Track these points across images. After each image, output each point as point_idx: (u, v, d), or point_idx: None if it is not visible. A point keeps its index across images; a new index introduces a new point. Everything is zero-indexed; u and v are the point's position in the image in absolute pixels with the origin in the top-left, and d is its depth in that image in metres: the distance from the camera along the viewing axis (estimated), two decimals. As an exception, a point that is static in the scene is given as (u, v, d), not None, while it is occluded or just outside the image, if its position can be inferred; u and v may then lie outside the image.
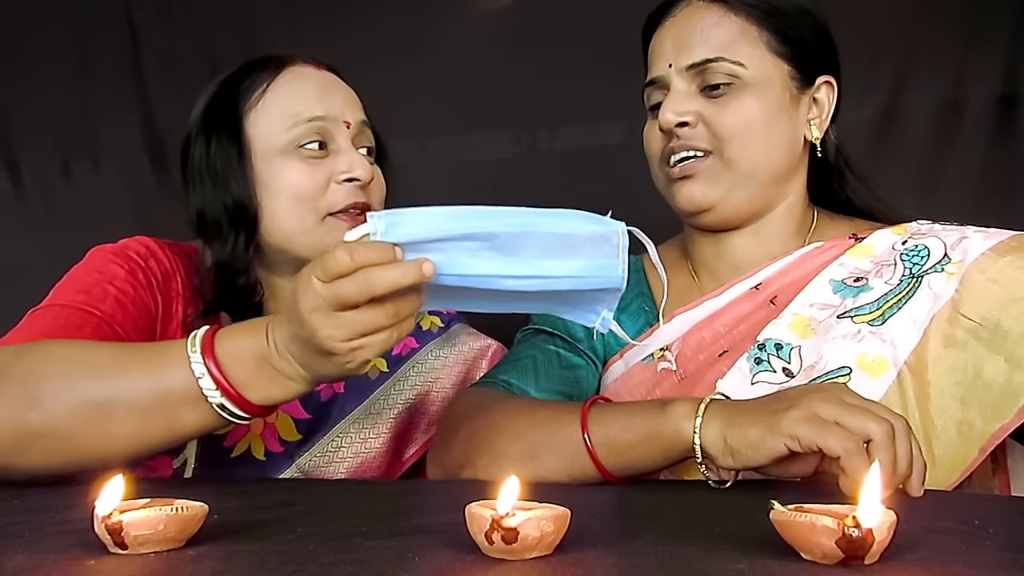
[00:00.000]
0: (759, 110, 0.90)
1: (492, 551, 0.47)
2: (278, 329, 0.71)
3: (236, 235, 0.93)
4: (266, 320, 0.73)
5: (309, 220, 0.93)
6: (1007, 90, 1.72)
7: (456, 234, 0.66)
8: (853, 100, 0.98)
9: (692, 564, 0.46)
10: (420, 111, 1.88)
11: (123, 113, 1.93)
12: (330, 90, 0.97)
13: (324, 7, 1.89)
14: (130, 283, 0.90)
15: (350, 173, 0.93)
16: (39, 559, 0.49)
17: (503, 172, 1.91)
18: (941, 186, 1.72)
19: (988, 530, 0.54)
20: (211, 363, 0.70)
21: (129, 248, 0.95)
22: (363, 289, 0.64)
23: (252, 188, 0.93)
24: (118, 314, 0.87)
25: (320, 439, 0.97)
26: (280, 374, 0.71)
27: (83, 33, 1.93)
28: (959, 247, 0.87)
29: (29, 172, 1.98)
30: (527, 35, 1.87)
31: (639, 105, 1.02)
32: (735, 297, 0.94)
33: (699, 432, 0.70)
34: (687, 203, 0.93)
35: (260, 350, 0.71)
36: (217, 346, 0.72)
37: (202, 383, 0.70)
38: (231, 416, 0.72)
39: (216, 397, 0.71)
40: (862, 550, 0.44)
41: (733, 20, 0.91)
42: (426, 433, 1.03)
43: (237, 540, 0.53)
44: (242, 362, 0.71)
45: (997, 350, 0.79)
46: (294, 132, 0.93)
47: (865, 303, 0.87)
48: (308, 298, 0.66)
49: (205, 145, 0.95)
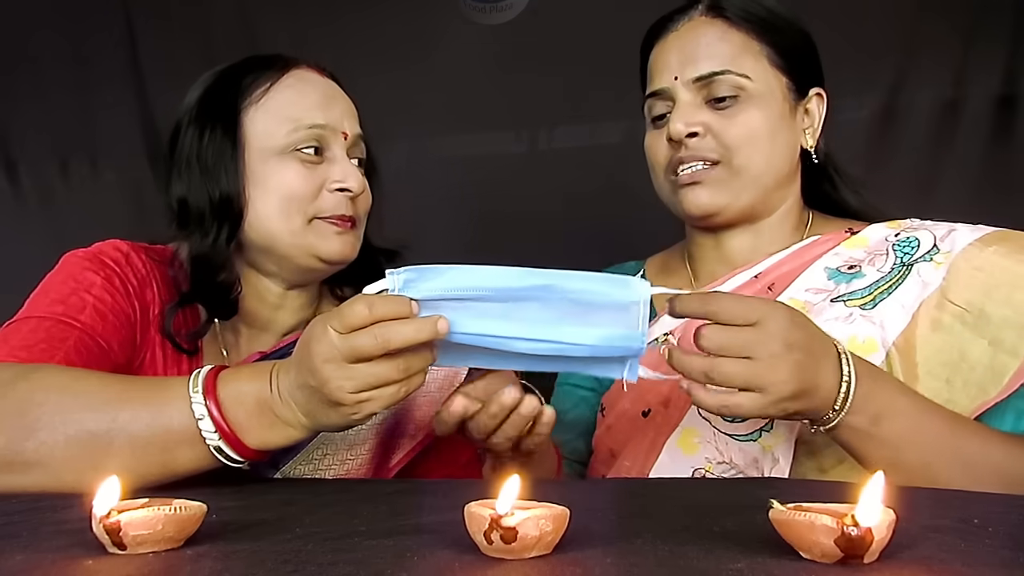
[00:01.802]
0: (763, 120, 0.94)
1: (491, 550, 0.47)
2: (284, 376, 0.72)
3: (219, 229, 0.92)
4: (271, 365, 0.74)
5: (297, 221, 0.93)
6: (1006, 90, 1.72)
7: (473, 294, 0.67)
8: (853, 100, 0.99)
9: (691, 563, 0.46)
10: (420, 111, 1.88)
11: (121, 113, 1.93)
12: (332, 99, 0.97)
13: (324, 7, 1.89)
14: (107, 290, 0.89)
15: (343, 183, 0.94)
16: (38, 559, 0.49)
17: (503, 172, 1.91)
18: (940, 185, 1.72)
19: (987, 529, 0.54)
20: (212, 405, 0.71)
21: (104, 253, 0.93)
22: (379, 343, 0.66)
23: (242, 183, 0.92)
24: (98, 325, 0.85)
25: (305, 446, 0.94)
26: (280, 420, 0.72)
27: (81, 33, 1.93)
28: (948, 239, 0.91)
29: (27, 172, 1.98)
30: (527, 35, 1.87)
31: (639, 106, 1.02)
32: (736, 286, 0.98)
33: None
34: (696, 208, 0.96)
35: (263, 395, 0.72)
36: (220, 388, 0.72)
37: (201, 424, 0.71)
38: (226, 459, 0.73)
39: (215, 440, 0.71)
40: (861, 549, 0.44)
41: (736, 35, 0.95)
42: (413, 438, 1.01)
43: (236, 540, 0.53)
44: (243, 406, 0.72)
45: (981, 333, 0.84)
46: (294, 136, 0.93)
47: (857, 288, 0.91)
48: (323, 348, 0.68)
49: (198, 134, 0.93)
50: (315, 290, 1.04)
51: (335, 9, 1.89)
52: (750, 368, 0.70)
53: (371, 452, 0.98)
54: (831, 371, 0.73)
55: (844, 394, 0.73)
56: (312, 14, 1.89)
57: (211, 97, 0.95)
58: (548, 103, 1.87)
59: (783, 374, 0.70)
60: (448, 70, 1.87)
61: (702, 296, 0.74)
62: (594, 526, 0.55)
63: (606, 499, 0.71)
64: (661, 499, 0.70)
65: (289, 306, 1.00)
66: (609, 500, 0.70)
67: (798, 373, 0.71)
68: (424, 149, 1.92)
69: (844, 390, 0.73)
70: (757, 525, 0.50)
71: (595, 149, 1.87)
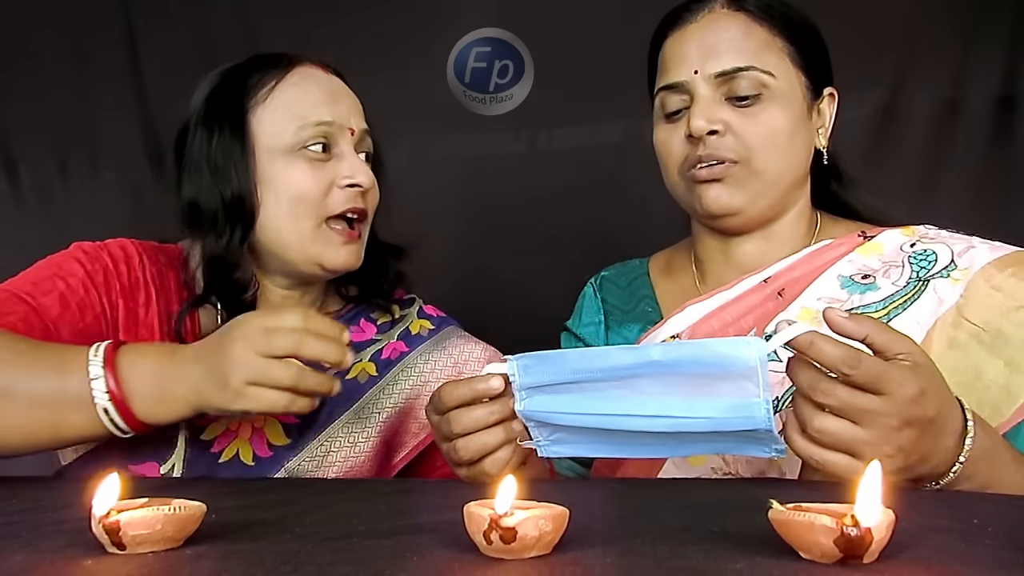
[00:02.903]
0: (785, 121, 0.91)
1: (490, 551, 0.47)
2: (190, 349, 0.79)
3: (232, 229, 0.93)
4: (175, 346, 0.81)
5: (307, 224, 0.93)
6: (1005, 90, 1.72)
7: (586, 376, 0.68)
8: (852, 99, 0.99)
9: (691, 564, 0.46)
10: (420, 111, 1.88)
11: (121, 113, 1.93)
12: (337, 95, 0.97)
13: (325, 7, 1.89)
14: (84, 284, 0.90)
15: (353, 179, 0.94)
16: (37, 559, 0.49)
17: (503, 172, 1.91)
18: (939, 185, 1.73)
19: (987, 529, 0.54)
20: (108, 369, 0.76)
21: (106, 248, 0.95)
22: (292, 345, 0.75)
23: (253, 183, 0.93)
24: (55, 309, 0.86)
25: (309, 443, 0.95)
26: (168, 395, 0.77)
27: (81, 32, 1.93)
28: (966, 255, 0.89)
29: (27, 172, 1.98)
30: (528, 35, 1.88)
31: (638, 105, 1.02)
32: (745, 290, 0.95)
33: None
34: (714, 206, 0.93)
35: (159, 367, 0.77)
36: (119, 355, 0.77)
37: (94, 385, 0.75)
38: (113, 425, 0.76)
39: (103, 400, 0.75)
40: (861, 549, 0.44)
41: (759, 30, 0.91)
42: (416, 437, 1.02)
43: (235, 540, 0.53)
44: (138, 374, 0.77)
45: (998, 354, 0.82)
46: (301, 135, 0.93)
47: (871, 302, 0.88)
48: (243, 331, 0.75)
49: (207, 136, 0.94)
50: (319, 289, 1.05)
51: (336, 9, 1.89)
52: (856, 433, 0.62)
53: (374, 450, 0.99)
54: (949, 448, 0.66)
55: (955, 473, 0.67)
56: (313, 14, 1.89)
57: (217, 98, 0.96)
58: (548, 103, 1.88)
59: (889, 449, 0.63)
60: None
61: (857, 319, 0.66)
62: (594, 526, 0.55)
63: (606, 499, 0.71)
64: (661, 499, 0.70)
65: (291, 307, 1.01)
66: (609, 500, 0.70)
67: (906, 454, 0.64)
68: (424, 149, 1.92)
69: (956, 470, 0.67)
70: (756, 525, 0.50)
71: (595, 149, 1.87)
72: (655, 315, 1.03)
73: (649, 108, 1.00)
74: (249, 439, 0.95)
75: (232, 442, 0.95)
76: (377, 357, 1.04)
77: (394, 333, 1.07)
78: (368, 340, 1.06)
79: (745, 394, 0.62)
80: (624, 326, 1.05)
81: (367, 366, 1.03)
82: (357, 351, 1.03)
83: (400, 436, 1.02)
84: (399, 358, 1.05)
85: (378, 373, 1.03)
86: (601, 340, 1.07)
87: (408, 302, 1.13)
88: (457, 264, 1.84)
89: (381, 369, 1.04)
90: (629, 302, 1.07)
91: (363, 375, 1.02)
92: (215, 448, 0.94)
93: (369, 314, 1.09)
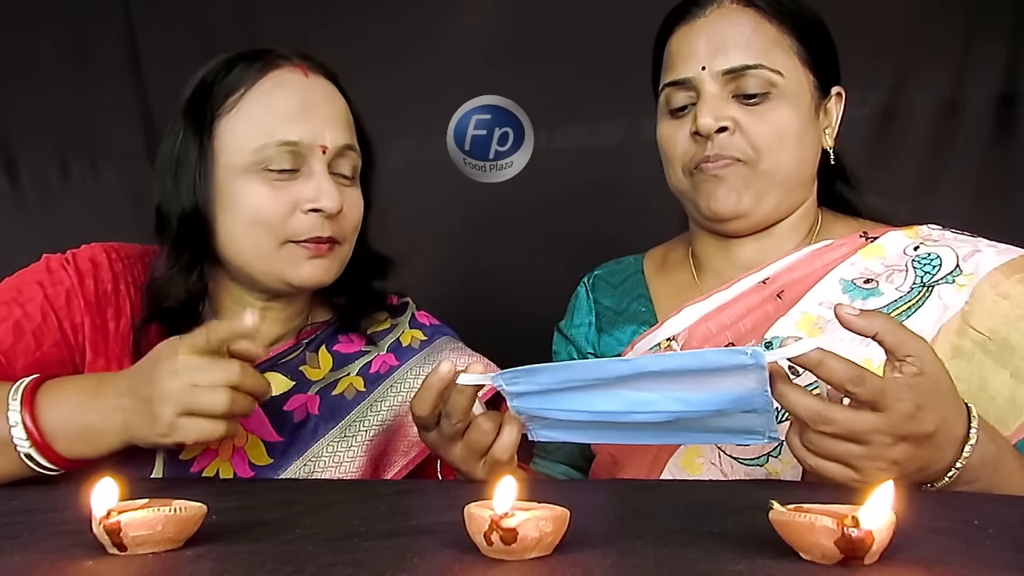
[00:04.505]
0: (794, 120, 0.90)
1: (491, 552, 0.47)
2: (120, 380, 0.75)
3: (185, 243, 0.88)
4: (100, 378, 0.77)
5: (266, 246, 0.87)
6: (1006, 90, 1.72)
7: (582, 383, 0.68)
8: (853, 99, 0.98)
9: (691, 564, 0.46)
10: (420, 111, 1.88)
11: (121, 112, 1.93)
12: (311, 108, 0.89)
13: (325, 6, 1.89)
14: (42, 310, 0.87)
15: (316, 203, 0.87)
16: (37, 560, 0.49)
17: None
18: (940, 185, 1.73)
19: (988, 530, 0.54)
20: (26, 412, 0.74)
21: (73, 262, 0.91)
22: (225, 400, 0.72)
23: (212, 197, 0.87)
24: (8, 340, 0.84)
25: (292, 463, 0.91)
26: (92, 429, 0.74)
27: (81, 32, 1.93)
28: (971, 260, 0.87)
29: (27, 172, 1.97)
30: (528, 35, 1.87)
31: (638, 105, 1.01)
32: (743, 291, 0.94)
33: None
34: (722, 207, 0.91)
35: (81, 402, 0.75)
36: (39, 395, 0.75)
37: (14, 432, 0.73)
38: (38, 467, 0.75)
39: (25, 447, 0.73)
40: (861, 550, 0.44)
41: (769, 27, 0.90)
42: (405, 456, 0.97)
43: (235, 541, 0.53)
44: (58, 413, 0.75)
45: (1004, 364, 0.80)
46: (263, 153, 0.86)
47: (874, 308, 0.86)
48: (171, 363, 0.72)
49: (175, 139, 0.89)
50: (303, 300, 0.99)
51: (335, 10, 1.89)
52: (851, 449, 0.64)
53: (361, 470, 0.94)
54: (948, 457, 0.67)
55: (951, 478, 0.68)
56: (312, 15, 1.89)
57: (190, 100, 0.90)
58: (548, 103, 1.87)
59: (883, 464, 0.64)
60: (448, 71, 1.87)
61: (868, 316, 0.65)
62: (594, 527, 0.55)
63: (606, 500, 0.71)
64: (661, 500, 0.70)
65: (272, 317, 0.96)
66: (609, 501, 0.70)
67: (901, 467, 0.65)
68: (424, 149, 1.92)
69: (952, 475, 0.68)
70: (757, 526, 0.50)
71: (595, 149, 1.87)
72: (649, 315, 1.01)
73: (650, 106, 0.99)
74: (230, 459, 0.91)
75: (212, 462, 0.91)
76: (366, 371, 0.99)
77: (384, 345, 1.02)
78: (356, 352, 1.01)
79: (746, 388, 0.63)
80: (617, 328, 1.03)
81: (355, 380, 0.98)
82: (344, 364, 0.99)
83: (388, 455, 0.97)
84: (388, 372, 1.00)
85: (366, 388, 0.98)
86: (592, 342, 1.06)
87: (401, 308, 1.07)
88: (455, 266, 1.84)
89: (369, 384, 0.98)
90: (622, 302, 1.06)
91: (350, 391, 0.97)
92: (195, 467, 0.90)
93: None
